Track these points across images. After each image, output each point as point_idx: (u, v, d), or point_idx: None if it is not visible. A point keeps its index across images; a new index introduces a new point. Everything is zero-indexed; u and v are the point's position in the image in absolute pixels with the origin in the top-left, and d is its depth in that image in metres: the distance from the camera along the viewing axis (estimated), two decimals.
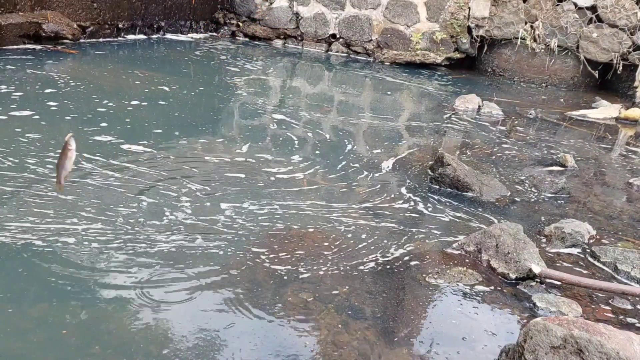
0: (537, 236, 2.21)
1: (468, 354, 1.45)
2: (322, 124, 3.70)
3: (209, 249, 1.83)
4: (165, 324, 1.43)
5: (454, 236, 2.14)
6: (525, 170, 3.12)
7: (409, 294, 1.71)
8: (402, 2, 6.66)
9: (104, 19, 5.72)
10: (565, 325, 1.26)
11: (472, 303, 1.69)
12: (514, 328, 1.58)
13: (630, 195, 2.93)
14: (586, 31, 5.89)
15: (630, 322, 1.67)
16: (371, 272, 1.80)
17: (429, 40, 6.59)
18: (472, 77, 6.37)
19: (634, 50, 5.72)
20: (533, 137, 3.95)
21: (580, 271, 1.97)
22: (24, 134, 2.66)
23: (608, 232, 2.36)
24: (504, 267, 1.88)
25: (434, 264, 1.91)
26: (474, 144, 3.60)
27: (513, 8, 6.19)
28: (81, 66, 4.41)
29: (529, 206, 2.58)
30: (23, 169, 2.26)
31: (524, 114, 4.70)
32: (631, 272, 1.95)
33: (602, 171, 3.32)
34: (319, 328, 1.47)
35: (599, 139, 4.15)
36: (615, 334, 1.23)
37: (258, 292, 1.61)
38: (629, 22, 5.69)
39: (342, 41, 7.08)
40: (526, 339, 1.28)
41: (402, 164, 3.01)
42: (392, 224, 2.21)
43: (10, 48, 4.60)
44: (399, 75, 6.08)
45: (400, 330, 1.52)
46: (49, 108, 3.15)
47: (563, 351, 1.22)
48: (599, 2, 5.77)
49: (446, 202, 2.51)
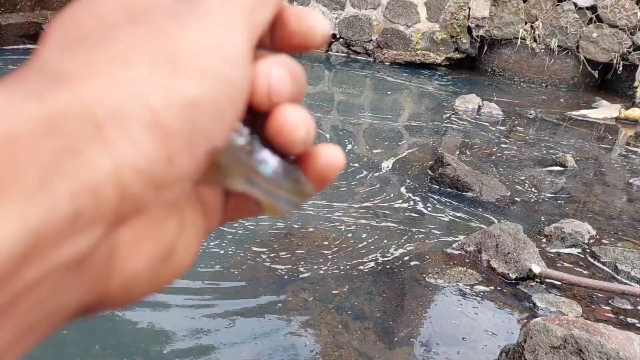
0: (537, 236, 2.21)
1: (468, 354, 1.45)
2: (322, 123, 3.70)
3: (209, 248, 1.83)
4: (165, 323, 1.43)
5: (454, 236, 2.14)
6: (525, 170, 3.12)
7: (409, 294, 1.71)
8: (402, 2, 6.66)
9: None
10: (565, 325, 1.26)
11: (472, 303, 1.70)
12: (514, 328, 1.58)
13: (630, 195, 2.93)
14: (586, 31, 5.89)
15: (630, 322, 1.67)
16: (371, 272, 1.81)
17: (429, 40, 6.59)
18: (472, 77, 6.37)
19: (634, 50, 5.73)
20: (533, 137, 3.95)
21: (580, 271, 1.97)
22: None
23: (608, 232, 2.36)
24: (504, 267, 1.88)
25: (434, 264, 1.91)
26: (474, 144, 3.60)
27: (513, 8, 6.19)
28: None
29: (529, 206, 2.58)
30: None
31: (524, 114, 4.70)
32: (631, 272, 1.95)
33: (602, 171, 3.32)
34: (319, 328, 1.47)
35: (599, 139, 4.16)
36: (615, 334, 1.23)
37: (258, 292, 1.61)
38: (629, 22, 5.69)
39: (342, 41, 7.08)
40: (526, 339, 1.28)
41: (402, 164, 3.01)
42: (392, 223, 2.21)
43: (10, 48, 4.60)
44: (399, 75, 6.08)
45: (400, 330, 1.52)
46: None
47: (563, 351, 1.23)
48: (599, 2, 5.77)
49: (446, 202, 2.51)
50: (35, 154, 0.16)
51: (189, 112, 0.19)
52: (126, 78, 0.19)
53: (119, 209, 0.18)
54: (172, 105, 0.19)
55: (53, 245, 0.16)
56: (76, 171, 0.16)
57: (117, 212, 0.18)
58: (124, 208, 0.18)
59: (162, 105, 0.19)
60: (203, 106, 0.20)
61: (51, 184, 0.16)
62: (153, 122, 0.18)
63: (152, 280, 0.21)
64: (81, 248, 0.17)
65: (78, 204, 0.16)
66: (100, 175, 0.17)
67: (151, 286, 0.21)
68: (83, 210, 0.17)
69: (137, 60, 0.19)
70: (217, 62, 0.21)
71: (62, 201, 0.16)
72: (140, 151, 0.18)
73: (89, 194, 0.17)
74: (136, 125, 0.18)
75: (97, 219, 0.17)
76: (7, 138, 0.15)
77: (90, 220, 0.17)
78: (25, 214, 0.15)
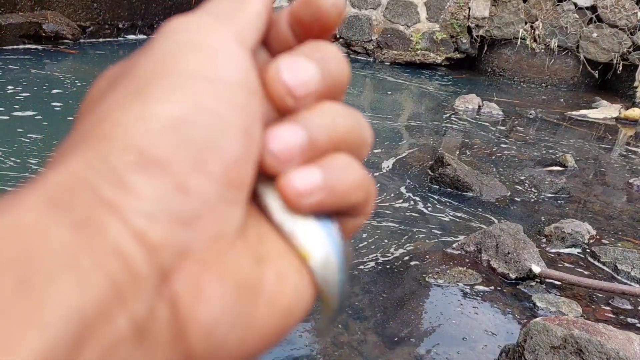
0: (537, 236, 2.22)
1: (468, 354, 1.45)
2: None
3: None
4: None
5: (454, 236, 2.14)
6: (525, 170, 3.12)
7: (409, 294, 1.71)
8: (402, 2, 6.66)
9: (104, 19, 5.72)
10: (565, 325, 1.26)
11: (472, 303, 1.70)
12: (514, 328, 1.58)
13: (630, 195, 2.93)
14: (586, 31, 5.89)
15: (630, 322, 1.67)
16: (371, 272, 1.81)
17: (429, 40, 6.60)
18: (472, 77, 6.38)
19: (634, 50, 5.73)
20: (533, 137, 3.95)
21: (581, 271, 1.98)
22: (26, 134, 2.66)
23: (608, 232, 2.36)
24: (504, 267, 1.88)
25: (434, 264, 1.91)
26: (474, 144, 3.60)
27: (513, 8, 6.19)
28: (82, 66, 4.42)
29: (529, 206, 2.58)
30: (25, 169, 2.26)
31: (524, 114, 4.70)
32: (631, 272, 1.96)
33: (602, 171, 3.32)
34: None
35: (599, 139, 4.16)
36: (615, 334, 1.23)
37: None
38: (629, 22, 5.69)
39: (342, 41, 7.08)
40: (526, 339, 1.28)
41: (402, 163, 3.01)
42: (392, 223, 2.21)
43: (10, 48, 4.60)
44: (399, 75, 6.08)
45: (400, 330, 1.52)
46: (53, 108, 3.15)
47: (563, 351, 1.23)
48: (599, 2, 5.77)
49: (446, 202, 2.51)
50: (47, 238, 0.15)
51: (175, 133, 0.18)
52: (104, 133, 0.18)
53: (154, 260, 0.17)
54: (153, 134, 0.17)
55: (104, 321, 0.15)
56: (92, 241, 0.16)
57: (154, 265, 0.17)
58: (160, 258, 0.17)
59: (143, 139, 0.17)
60: (190, 120, 0.18)
61: (75, 261, 0.15)
62: (142, 161, 0.17)
63: (244, 327, 0.18)
64: (136, 316, 0.16)
65: (109, 272, 0.15)
66: (115, 236, 0.16)
67: (248, 335, 0.18)
68: (117, 276, 0.16)
69: (111, 111, 0.18)
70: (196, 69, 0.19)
71: (92, 274, 0.15)
72: (143, 195, 0.17)
73: (114, 259, 0.16)
74: (128, 173, 0.17)
75: (137, 280, 0.16)
76: (16, 230, 0.15)
77: (131, 284, 0.16)
78: (62, 299, 0.14)
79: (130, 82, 0.19)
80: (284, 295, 0.20)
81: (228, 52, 0.20)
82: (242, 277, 0.18)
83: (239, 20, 0.22)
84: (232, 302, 0.18)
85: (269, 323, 0.19)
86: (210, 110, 0.18)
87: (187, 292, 0.17)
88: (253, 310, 0.19)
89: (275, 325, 0.20)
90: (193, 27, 0.21)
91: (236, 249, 0.19)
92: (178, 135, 0.18)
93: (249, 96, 0.20)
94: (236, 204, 0.19)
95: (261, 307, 0.19)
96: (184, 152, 0.17)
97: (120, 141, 0.17)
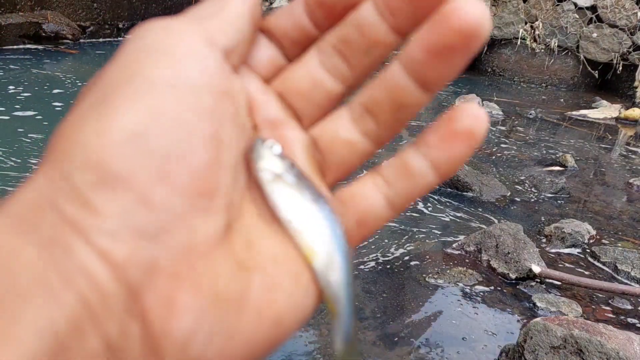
0: (537, 236, 2.22)
1: (468, 354, 1.45)
2: None
3: None
4: None
5: (454, 236, 2.15)
6: (525, 170, 3.13)
7: (409, 294, 1.71)
8: None
9: (104, 19, 5.72)
10: (565, 325, 1.26)
11: (472, 303, 1.70)
12: (514, 328, 1.58)
13: (630, 195, 2.94)
14: (586, 31, 5.89)
15: (630, 322, 1.67)
16: (371, 272, 1.81)
17: None
18: (472, 77, 6.38)
19: (634, 50, 5.73)
20: (533, 137, 3.95)
21: (581, 271, 1.98)
22: (27, 134, 2.66)
23: (608, 232, 2.36)
24: (504, 267, 1.88)
25: (434, 264, 1.91)
26: None
27: (513, 8, 6.19)
28: (83, 66, 4.42)
29: (529, 206, 2.58)
30: (25, 169, 2.26)
31: (524, 114, 4.70)
32: (631, 272, 1.96)
33: (602, 171, 3.32)
34: (318, 328, 1.48)
35: (599, 139, 4.16)
36: (615, 334, 1.23)
37: None
38: (629, 22, 5.69)
39: None
40: (526, 339, 1.28)
41: None
42: (392, 223, 2.21)
43: (10, 48, 4.60)
44: None
45: (400, 330, 1.52)
46: (54, 108, 3.15)
47: (563, 351, 1.23)
48: (599, 2, 5.77)
49: (446, 202, 2.51)
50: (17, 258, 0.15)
51: (134, 145, 0.17)
52: (65, 149, 0.17)
53: (121, 279, 0.16)
54: (112, 148, 0.17)
55: (77, 339, 0.15)
56: (60, 261, 0.15)
57: (121, 283, 0.16)
58: (127, 275, 0.16)
59: (102, 154, 0.17)
60: (149, 130, 0.17)
61: (45, 281, 0.15)
62: (102, 177, 0.16)
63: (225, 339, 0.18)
64: (108, 334, 0.16)
65: (79, 292, 0.15)
66: (81, 256, 0.16)
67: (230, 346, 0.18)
68: (87, 295, 0.15)
69: (72, 125, 0.18)
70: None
71: (62, 293, 0.15)
72: (105, 213, 0.16)
73: (82, 279, 0.16)
74: (89, 190, 0.16)
75: (106, 299, 0.16)
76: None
77: (101, 303, 0.16)
78: (35, 316, 0.14)
79: (94, 93, 0.19)
80: (275, 303, 0.19)
81: (193, 55, 0.19)
82: (220, 287, 0.18)
83: (215, 21, 0.21)
84: (209, 313, 0.17)
85: (257, 333, 0.19)
86: (172, 117, 0.17)
87: (159, 307, 0.17)
88: (235, 321, 0.18)
89: (264, 335, 0.19)
90: (160, 31, 0.20)
91: (213, 258, 0.18)
92: (137, 147, 0.17)
93: (216, 98, 0.19)
94: (209, 212, 0.18)
95: (246, 317, 0.18)
96: (144, 164, 0.17)
97: (80, 158, 0.17)
